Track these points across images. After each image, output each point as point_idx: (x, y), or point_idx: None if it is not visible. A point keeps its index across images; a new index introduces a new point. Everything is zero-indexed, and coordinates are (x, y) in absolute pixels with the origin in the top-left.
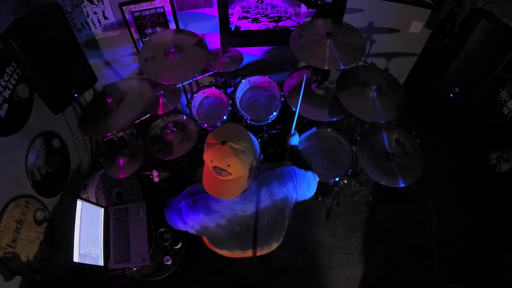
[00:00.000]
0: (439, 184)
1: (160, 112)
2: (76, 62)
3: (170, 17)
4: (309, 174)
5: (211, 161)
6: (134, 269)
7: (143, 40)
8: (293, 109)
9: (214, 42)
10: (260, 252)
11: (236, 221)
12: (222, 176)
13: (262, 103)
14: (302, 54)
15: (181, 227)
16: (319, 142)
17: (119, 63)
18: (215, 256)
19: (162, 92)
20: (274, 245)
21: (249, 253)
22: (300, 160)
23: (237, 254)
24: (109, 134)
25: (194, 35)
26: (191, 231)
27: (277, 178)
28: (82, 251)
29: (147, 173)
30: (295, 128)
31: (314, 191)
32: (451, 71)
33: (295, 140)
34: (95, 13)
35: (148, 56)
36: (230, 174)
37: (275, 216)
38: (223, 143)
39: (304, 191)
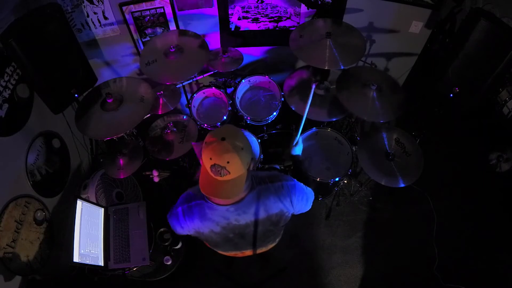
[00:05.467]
0: (439, 184)
1: (160, 112)
2: (76, 62)
3: (170, 17)
4: (309, 190)
5: (210, 159)
6: (134, 269)
7: (143, 40)
8: (299, 112)
9: (214, 42)
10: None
11: (230, 229)
12: (221, 176)
13: (262, 103)
14: (302, 54)
15: (180, 231)
16: (319, 142)
17: (119, 63)
18: (215, 256)
19: (162, 92)
20: (271, 246)
21: (247, 253)
22: (299, 172)
23: (233, 253)
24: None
25: (195, 35)
26: (189, 233)
27: (275, 192)
28: (82, 251)
29: (147, 173)
30: (299, 137)
31: (311, 206)
32: (451, 71)
33: (298, 150)
34: (95, 13)
35: (149, 60)
36: (229, 172)
37: (270, 227)
38: (223, 139)
39: (302, 207)
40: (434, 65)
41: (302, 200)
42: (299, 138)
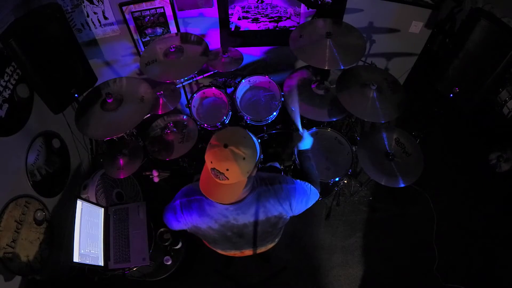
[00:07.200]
0: (439, 184)
1: (160, 112)
2: (76, 62)
3: (170, 17)
4: (312, 190)
5: (211, 162)
6: (134, 269)
7: (143, 40)
8: (292, 109)
9: (214, 42)
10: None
11: (228, 227)
12: (219, 180)
13: (262, 103)
14: (302, 54)
15: (175, 225)
16: (319, 142)
17: (119, 63)
18: (215, 256)
19: (162, 92)
20: (270, 246)
21: (246, 252)
22: (308, 172)
23: (233, 253)
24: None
25: (196, 37)
26: (185, 228)
27: (275, 195)
28: (82, 251)
29: (147, 173)
30: (303, 130)
31: (311, 205)
32: (451, 71)
33: (306, 143)
34: (95, 13)
35: (149, 60)
36: (228, 179)
37: (268, 228)
38: (225, 146)
39: (301, 208)
40: (434, 65)
41: (302, 203)
42: (303, 131)
